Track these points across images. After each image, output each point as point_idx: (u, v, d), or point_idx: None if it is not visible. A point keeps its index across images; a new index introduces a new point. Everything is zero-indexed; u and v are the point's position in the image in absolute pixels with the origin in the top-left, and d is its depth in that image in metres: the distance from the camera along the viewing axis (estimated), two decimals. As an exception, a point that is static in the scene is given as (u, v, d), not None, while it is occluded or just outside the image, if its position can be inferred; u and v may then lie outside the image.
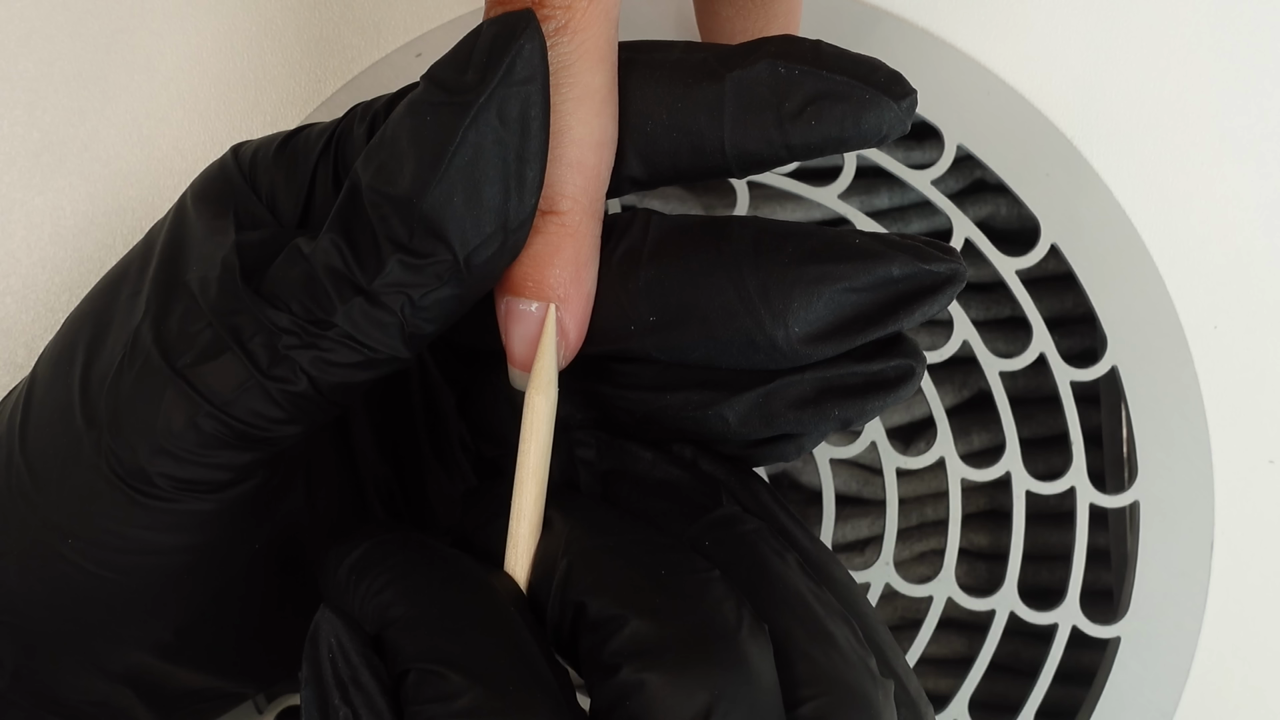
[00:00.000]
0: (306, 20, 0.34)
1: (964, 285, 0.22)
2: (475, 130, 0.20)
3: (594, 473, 0.24)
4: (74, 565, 0.23)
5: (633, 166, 0.22)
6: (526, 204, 0.21)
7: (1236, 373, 0.34)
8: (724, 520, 0.22)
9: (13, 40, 0.33)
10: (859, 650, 0.20)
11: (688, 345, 0.22)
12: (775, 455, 0.24)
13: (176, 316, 0.22)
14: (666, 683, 0.19)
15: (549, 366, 0.22)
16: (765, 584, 0.21)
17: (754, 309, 0.21)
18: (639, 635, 0.19)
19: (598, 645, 0.20)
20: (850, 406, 0.22)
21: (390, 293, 0.21)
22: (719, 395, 0.22)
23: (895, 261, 0.21)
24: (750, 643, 0.19)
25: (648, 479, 0.23)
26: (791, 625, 0.20)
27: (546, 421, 0.22)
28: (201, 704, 0.28)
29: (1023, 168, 0.34)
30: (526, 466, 0.22)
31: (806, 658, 0.20)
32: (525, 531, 0.21)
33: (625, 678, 0.19)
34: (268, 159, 0.24)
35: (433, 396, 0.27)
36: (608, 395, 0.23)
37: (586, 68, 0.21)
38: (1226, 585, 0.33)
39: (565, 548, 0.21)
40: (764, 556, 0.21)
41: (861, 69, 0.21)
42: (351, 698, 0.19)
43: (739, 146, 0.22)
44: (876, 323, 0.21)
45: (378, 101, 0.23)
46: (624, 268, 0.22)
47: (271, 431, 0.22)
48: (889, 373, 0.22)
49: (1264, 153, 0.34)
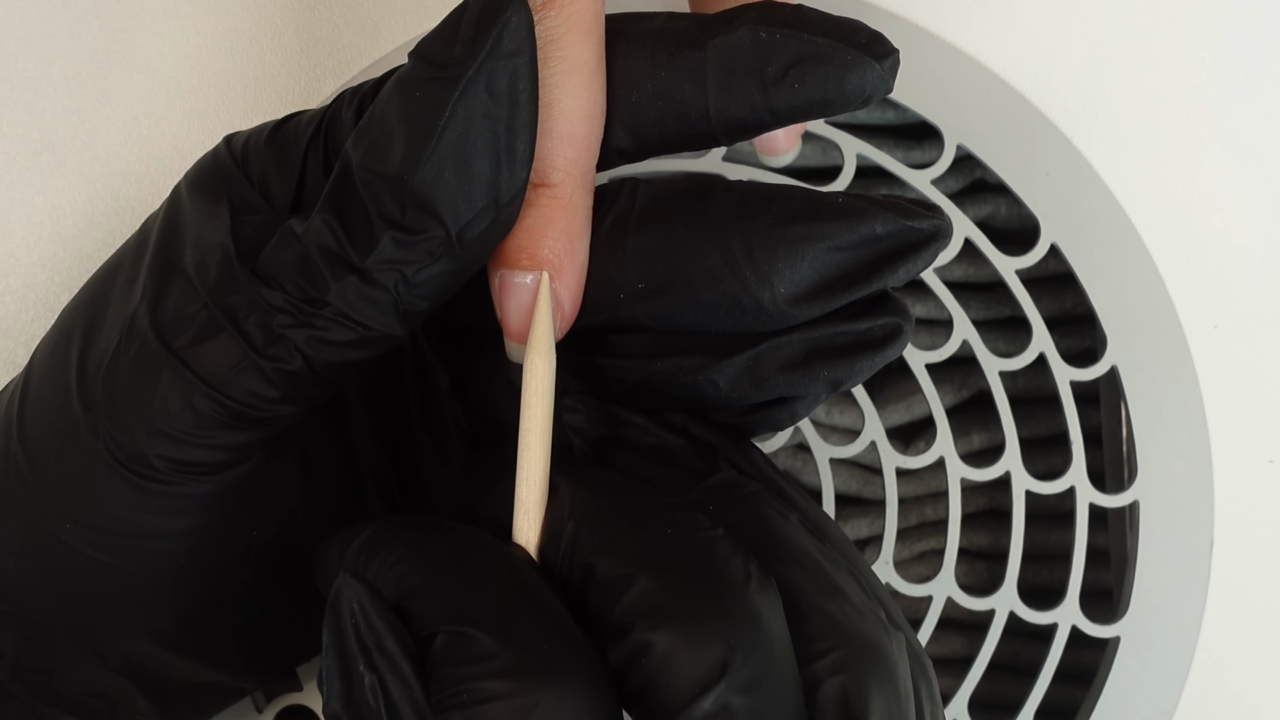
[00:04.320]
0: (305, 20, 0.34)
1: (948, 241, 0.22)
2: (464, 104, 0.20)
3: (586, 439, 0.24)
4: (73, 551, 0.23)
5: (619, 138, 0.22)
6: (518, 177, 0.21)
7: (1236, 373, 0.34)
8: (724, 484, 0.22)
9: (13, 40, 0.33)
10: (870, 603, 0.20)
11: (676, 310, 0.22)
12: (769, 422, 0.24)
13: (173, 299, 0.22)
14: (680, 639, 0.19)
15: (546, 331, 0.22)
16: (772, 542, 0.21)
17: (739, 271, 0.21)
18: (649, 593, 0.19)
19: (608, 605, 0.20)
20: (839, 367, 0.22)
21: (383, 270, 0.21)
22: (709, 360, 0.22)
23: (878, 219, 0.21)
24: (760, 596, 0.19)
25: (641, 445, 0.23)
26: (801, 581, 0.20)
27: (547, 385, 0.22)
28: (200, 697, 0.28)
29: (1023, 168, 0.34)
30: (532, 432, 0.22)
31: (819, 611, 0.20)
32: (533, 497, 0.21)
33: (638, 636, 0.19)
34: (259, 146, 0.24)
35: (427, 379, 0.27)
36: (601, 366, 0.23)
37: (574, 40, 0.21)
38: (1226, 585, 0.33)
39: (571, 510, 0.21)
40: (768, 516, 0.21)
41: (843, 30, 0.21)
42: (376, 663, 0.19)
43: (724, 112, 0.22)
44: (861, 281, 0.22)
45: (365, 85, 0.23)
46: (612, 236, 0.22)
47: (267, 411, 0.22)
48: (876, 331, 0.22)
49: (1264, 153, 0.34)
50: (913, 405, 0.35)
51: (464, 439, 0.27)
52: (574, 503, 0.21)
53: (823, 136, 0.34)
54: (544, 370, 0.22)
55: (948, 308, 0.34)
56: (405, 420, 0.28)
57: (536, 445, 0.22)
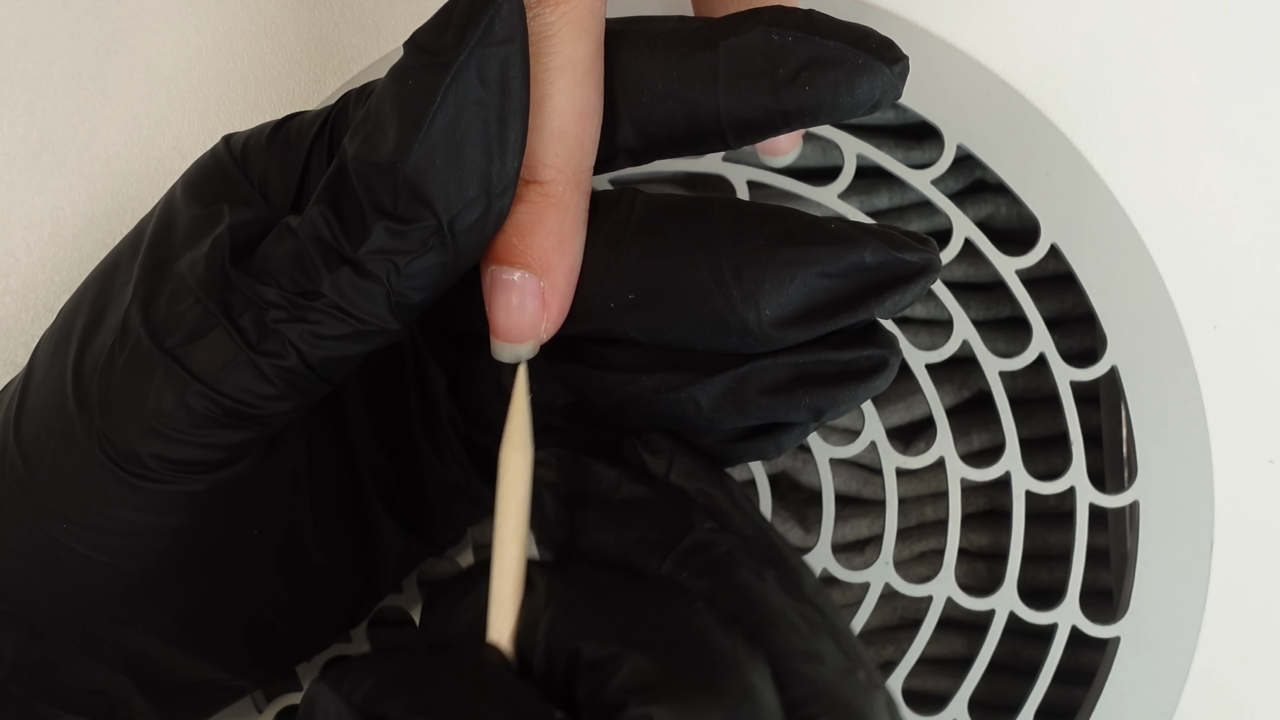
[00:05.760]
0: (306, 20, 0.34)
1: (937, 277, 0.22)
2: (455, 90, 0.20)
3: (558, 495, 0.23)
4: (70, 550, 0.23)
5: (628, 137, 0.22)
6: (509, 166, 0.21)
7: (1236, 373, 0.34)
8: (697, 546, 0.22)
9: (13, 40, 0.33)
10: (847, 664, 0.21)
11: (664, 325, 0.22)
12: (755, 452, 0.24)
13: (164, 298, 0.22)
14: (676, 713, 0.18)
15: (523, 422, 0.21)
16: (750, 608, 0.21)
17: (726, 290, 0.21)
18: (640, 670, 0.19)
19: (598, 686, 0.19)
20: (822, 395, 0.22)
21: (376, 260, 0.21)
22: (693, 377, 0.22)
23: (868, 248, 0.21)
24: (749, 667, 0.19)
25: (612, 500, 0.23)
26: (781, 646, 0.20)
27: (524, 480, 0.21)
28: (199, 696, 0.28)
29: (1023, 168, 0.34)
30: (507, 526, 0.21)
31: (800, 677, 0.20)
32: (508, 591, 0.21)
33: (633, 713, 0.19)
34: (260, 146, 0.24)
35: (425, 380, 0.27)
36: (585, 377, 0.23)
37: (569, 37, 0.21)
38: (1226, 585, 0.33)
39: (548, 599, 0.21)
40: (744, 580, 0.21)
41: (854, 35, 0.21)
42: None
43: (734, 114, 0.22)
44: (848, 309, 0.22)
45: (370, 85, 0.23)
46: (607, 245, 0.22)
47: (262, 409, 0.22)
48: (862, 362, 0.22)
49: (1264, 153, 0.34)
50: (913, 405, 0.35)
51: (462, 441, 0.27)
52: (550, 592, 0.21)
53: (823, 136, 0.34)
54: (520, 464, 0.21)
55: (948, 308, 0.34)
56: (406, 421, 0.28)
57: (511, 540, 0.21)
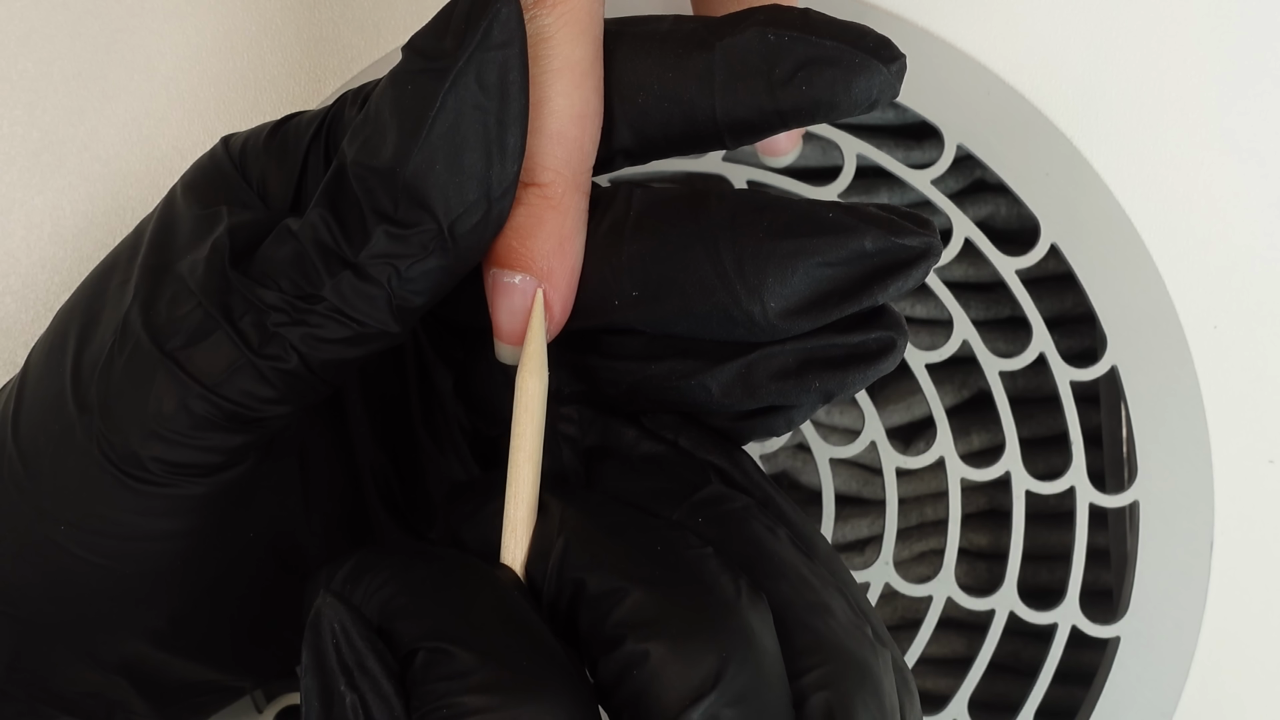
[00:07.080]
0: (306, 20, 0.34)
1: (938, 260, 0.22)
2: (454, 95, 0.20)
3: (577, 449, 0.24)
4: (68, 552, 0.23)
5: (624, 138, 0.22)
6: (508, 170, 0.21)
7: (1236, 373, 0.34)
8: (713, 499, 0.22)
9: (13, 40, 0.33)
10: (856, 619, 0.21)
11: (669, 319, 0.22)
12: (765, 428, 0.24)
13: (165, 300, 0.22)
14: (672, 650, 0.19)
15: (539, 348, 0.21)
16: (760, 558, 0.21)
17: (729, 284, 0.21)
18: (641, 606, 0.19)
19: (599, 619, 0.20)
20: (831, 379, 0.22)
21: (377, 264, 0.21)
22: (703, 365, 0.22)
23: (868, 235, 0.21)
24: (751, 610, 0.20)
25: (632, 455, 0.23)
26: (789, 597, 0.20)
27: (539, 404, 0.21)
28: (198, 697, 0.28)
29: (1023, 168, 0.34)
30: (522, 450, 0.21)
31: (806, 627, 0.20)
32: (522, 515, 0.21)
33: (630, 648, 0.19)
34: (258, 147, 0.24)
35: (429, 379, 0.27)
36: (595, 366, 0.23)
37: (567, 39, 0.21)
38: (1226, 585, 0.33)
39: (560, 528, 0.21)
40: (756, 532, 0.21)
41: (851, 34, 0.21)
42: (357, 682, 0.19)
43: (730, 114, 0.22)
44: (851, 297, 0.21)
45: (368, 86, 0.23)
46: (608, 243, 0.22)
47: (263, 412, 0.22)
48: (870, 345, 0.22)
49: (1264, 153, 0.34)
50: (913, 405, 0.35)
51: (466, 439, 0.27)
52: (563, 521, 0.21)
53: (823, 136, 0.34)
54: (535, 389, 0.21)
55: (948, 308, 0.34)
56: (406, 420, 0.28)
57: (526, 464, 0.21)
